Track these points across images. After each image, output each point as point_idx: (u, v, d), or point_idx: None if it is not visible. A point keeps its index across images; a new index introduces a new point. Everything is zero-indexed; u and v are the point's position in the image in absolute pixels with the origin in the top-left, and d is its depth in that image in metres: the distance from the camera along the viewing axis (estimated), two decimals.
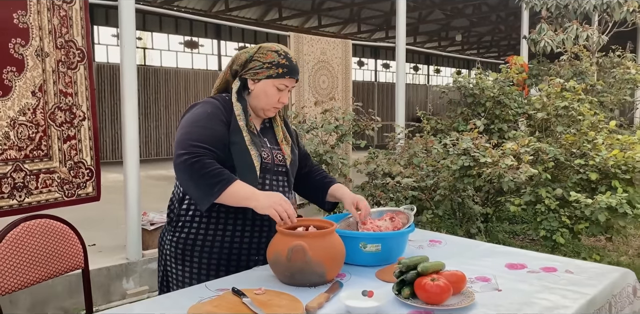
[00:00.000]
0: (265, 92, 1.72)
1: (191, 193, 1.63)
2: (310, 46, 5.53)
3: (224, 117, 1.68)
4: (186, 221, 1.71)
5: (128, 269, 3.65)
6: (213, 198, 1.54)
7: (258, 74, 1.71)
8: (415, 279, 1.37)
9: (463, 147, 3.81)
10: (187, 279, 1.70)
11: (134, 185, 3.66)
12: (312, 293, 1.41)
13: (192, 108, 1.73)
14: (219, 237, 1.69)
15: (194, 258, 1.70)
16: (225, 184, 1.53)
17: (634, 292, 1.62)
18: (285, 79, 1.72)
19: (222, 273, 1.67)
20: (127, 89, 3.63)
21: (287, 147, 1.82)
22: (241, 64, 1.75)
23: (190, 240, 1.70)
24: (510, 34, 17.27)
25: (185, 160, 1.55)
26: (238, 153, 1.65)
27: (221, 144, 1.64)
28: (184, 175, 1.57)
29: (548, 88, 4.67)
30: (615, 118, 6.68)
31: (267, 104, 1.74)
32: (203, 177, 1.54)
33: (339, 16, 15.57)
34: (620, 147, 3.97)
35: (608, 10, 7.09)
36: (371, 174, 4.47)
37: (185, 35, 14.18)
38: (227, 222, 1.69)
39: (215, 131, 1.64)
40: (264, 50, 1.73)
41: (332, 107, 4.61)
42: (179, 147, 1.59)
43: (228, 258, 1.69)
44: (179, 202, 1.75)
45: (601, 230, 3.75)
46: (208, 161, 1.56)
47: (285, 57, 1.73)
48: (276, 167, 1.76)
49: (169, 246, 1.75)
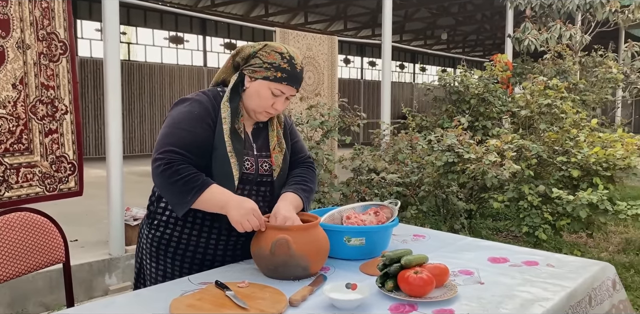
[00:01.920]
0: (258, 93, 1.61)
1: (166, 199, 1.59)
2: (297, 42, 5.52)
3: (211, 118, 1.59)
4: (162, 220, 1.67)
5: (111, 264, 3.62)
6: (187, 205, 1.51)
7: (256, 73, 1.61)
8: (399, 272, 1.37)
9: (447, 144, 3.83)
10: (160, 277, 1.67)
11: (116, 180, 3.63)
12: (296, 286, 1.41)
13: (181, 104, 1.64)
14: (192, 241, 1.64)
15: (167, 259, 1.66)
16: (198, 191, 1.49)
17: (613, 285, 1.64)
18: (281, 84, 1.60)
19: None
20: (110, 84, 3.58)
21: (279, 155, 1.70)
22: (244, 58, 1.66)
23: (164, 240, 1.66)
24: (495, 33, 17.41)
25: (158, 166, 1.51)
26: (218, 160, 1.57)
27: (201, 149, 1.56)
28: (158, 181, 1.54)
29: (531, 86, 4.71)
30: (597, 116, 6.78)
31: (258, 106, 1.63)
32: (175, 185, 1.50)
33: (326, 13, 15.55)
34: (602, 145, 4.03)
35: (591, 10, 7.18)
36: (356, 170, 4.48)
37: (170, 31, 14.06)
38: (202, 228, 1.64)
39: (196, 134, 1.56)
40: (268, 49, 1.62)
41: (318, 103, 4.61)
42: (156, 151, 1.55)
43: (200, 263, 1.65)
44: (157, 200, 1.71)
45: (582, 226, 3.81)
46: (181, 166, 1.50)
47: (288, 61, 1.61)
48: (260, 177, 1.67)
49: (145, 241, 1.72)
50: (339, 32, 16.64)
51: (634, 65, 7.75)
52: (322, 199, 4.15)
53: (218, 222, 1.63)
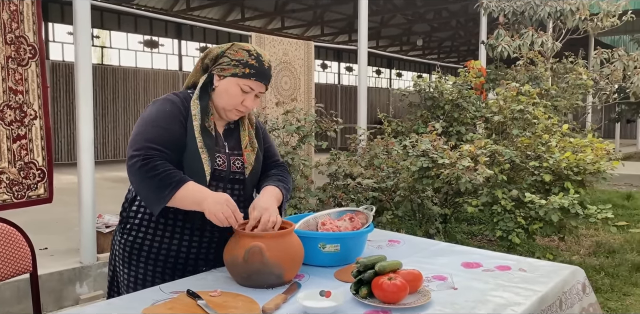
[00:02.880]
0: (227, 90, 1.63)
1: (142, 196, 1.56)
2: (272, 47, 5.51)
3: (182, 116, 1.61)
4: (134, 224, 1.65)
5: (82, 273, 3.54)
6: (164, 202, 1.49)
7: (224, 71, 1.63)
8: (373, 278, 1.37)
9: (422, 149, 3.86)
10: (132, 284, 1.65)
11: (88, 186, 3.55)
12: (270, 294, 1.39)
13: (152, 105, 1.65)
14: (165, 244, 1.63)
15: (140, 263, 1.64)
16: (175, 187, 1.48)
17: (583, 289, 1.67)
18: (250, 80, 1.63)
19: (167, 281, 1.60)
20: (82, 88, 3.52)
21: (251, 154, 1.72)
22: (212, 59, 1.68)
23: (137, 244, 1.64)
24: (470, 39, 17.69)
25: (136, 162, 1.50)
26: (189, 156, 1.58)
27: (177, 145, 1.57)
28: (134, 177, 1.52)
29: (504, 92, 4.79)
30: (569, 122, 6.92)
31: (228, 104, 1.64)
32: (152, 180, 1.48)
33: (303, 18, 15.59)
34: (573, 149, 4.11)
35: (561, 18, 7.35)
36: (332, 175, 4.48)
37: (145, 35, 13.91)
38: (174, 230, 1.63)
39: (171, 131, 1.57)
40: (236, 47, 1.66)
41: (294, 108, 4.60)
42: (131, 148, 1.54)
43: (173, 267, 1.64)
44: (129, 204, 1.69)
45: (554, 230, 3.87)
46: (159, 162, 1.50)
47: (256, 58, 1.64)
48: (232, 174, 1.67)
49: (117, 247, 1.69)
50: (316, 38, 16.70)
51: (602, 71, 7.95)
52: (298, 205, 4.13)
53: (190, 224, 1.62)
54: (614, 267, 4.18)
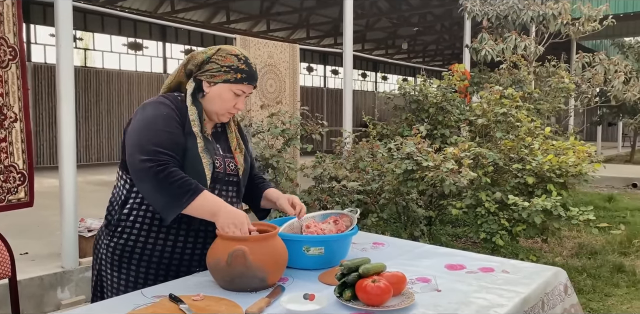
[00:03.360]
0: (220, 96, 1.65)
1: (154, 202, 1.54)
2: (257, 49, 5.50)
3: (179, 118, 1.62)
4: (126, 226, 1.64)
5: (63, 278, 3.48)
6: (180, 209, 1.49)
7: (215, 77, 1.64)
8: (357, 281, 1.37)
9: (406, 152, 3.87)
10: (122, 287, 1.63)
11: (70, 190, 3.50)
12: (253, 298, 1.38)
13: (145, 108, 1.63)
14: (159, 246, 1.62)
15: (131, 266, 1.63)
16: (193, 196, 1.49)
17: (565, 290, 1.68)
18: (243, 84, 1.66)
19: (160, 283, 1.60)
20: (63, 90, 3.47)
21: (240, 155, 1.76)
22: (197, 65, 1.68)
23: (128, 247, 1.63)
24: (454, 43, 17.84)
25: (150, 167, 1.48)
26: (189, 160, 1.59)
27: (179, 148, 1.58)
28: (148, 184, 1.50)
29: (488, 95, 4.83)
30: (551, 125, 7.00)
31: (221, 109, 1.67)
32: (170, 187, 1.48)
33: (288, 21, 15.60)
34: (555, 152, 4.15)
35: (544, 22, 7.45)
36: (318, 178, 4.47)
37: (129, 37, 13.80)
38: (169, 231, 1.63)
39: (174, 134, 1.58)
40: (223, 52, 1.66)
41: (279, 111, 4.59)
42: (141, 152, 1.51)
43: (167, 268, 1.63)
44: (120, 206, 1.66)
45: (537, 232, 3.90)
46: (173, 169, 1.51)
47: (245, 62, 1.66)
48: (227, 176, 1.70)
49: (104, 251, 1.67)
50: (302, 40, 16.71)
51: (584, 75, 8.06)
52: None
53: (185, 226, 1.63)
54: (596, 268, 4.23)
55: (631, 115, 13.16)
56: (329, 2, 12.65)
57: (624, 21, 11.71)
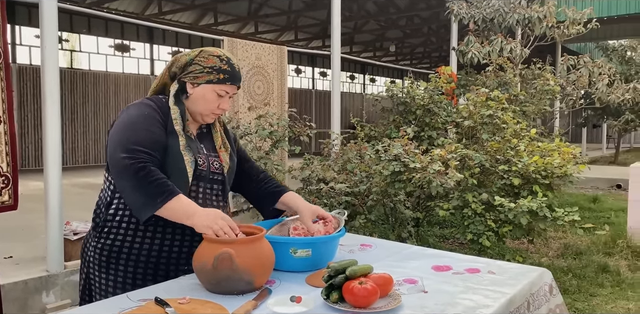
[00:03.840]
0: (204, 97, 1.68)
1: (131, 201, 1.55)
2: (245, 51, 5.49)
3: (161, 119, 1.63)
4: (112, 226, 1.64)
5: (48, 282, 3.44)
6: (154, 209, 1.49)
7: (198, 78, 1.67)
8: (344, 283, 1.37)
9: (394, 153, 3.89)
10: (111, 289, 1.63)
11: (55, 192, 3.47)
12: (240, 301, 1.38)
13: (128, 109, 1.66)
14: (146, 245, 1.62)
15: (119, 266, 1.62)
16: (168, 197, 1.49)
17: (550, 290, 1.70)
18: (226, 85, 1.68)
19: (149, 282, 1.60)
20: (49, 92, 3.44)
21: (225, 154, 1.78)
22: (181, 67, 1.70)
23: (115, 247, 1.63)
24: (441, 45, 17.95)
25: (131, 165, 1.49)
26: (171, 157, 1.60)
27: (160, 147, 1.59)
28: (127, 181, 1.51)
29: (474, 98, 4.87)
30: (537, 127, 7.07)
31: (205, 109, 1.69)
32: (147, 187, 1.48)
33: (276, 23, 15.59)
34: (541, 154, 4.20)
35: (529, 25, 7.53)
36: (306, 180, 4.47)
37: (116, 38, 13.70)
38: (156, 230, 1.63)
39: (155, 133, 1.59)
40: (205, 54, 1.68)
41: (267, 113, 4.58)
42: (122, 150, 1.52)
43: (155, 267, 1.63)
44: (106, 207, 1.67)
45: (524, 233, 3.94)
46: (153, 168, 1.51)
47: (227, 63, 1.68)
48: (212, 175, 1.71)
49: (92, 253, 1.66)
50: (290, 43, 16.71)
51: (569, 77, 8.16)
52: None
53: (171, 226, 1.62)
54: (581, 268, 4.28)
55: (615, 117, 13.34)
56: (317, 4, 12.68)
57: (608, 24, 11.88)
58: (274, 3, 13.50)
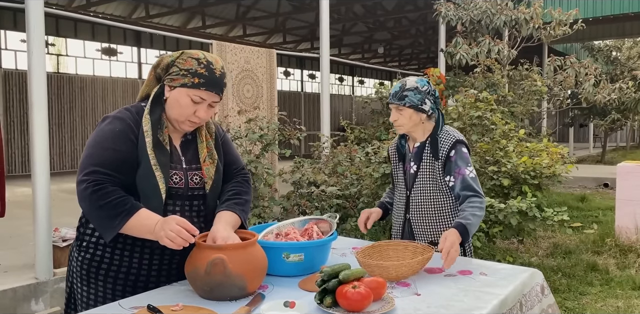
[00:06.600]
0: (177, 101, 1.56)
1: (94, 224, 1.53)
2: (234, 55, 5.48)
3: (134, 134, 1.54)
4: (91, 242, 1.60)
5: (37, 289, 3.40)
6: (114, 230, 1.46)
7: (174, 81, 1.56)
8: (337, 287, 1.37)
9: (384, 156, 3.90)
10: (92, 302, 1.59)
11: (43, 199, 3.43)
12: (233, 307, 1.37)
13: (102, 122, 1.59)
14: (125, 262, 1.58)
15: (99, 281, 1.59)
16: (126, 216, 1.45)
17: (541, 290, 1.71)
18: (200, 90, 1.55)
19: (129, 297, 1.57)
20: (36, 97, 3.40)
21: (210, 167, 1.65)
22: (164, 68, 1.61)
23: (95, 262, 1.59)
24: (430, 47, 18.04)
25: (85, 188, 1.45)
26: (142, 174, 1.52)
27: (129, 166, 1.52)
28: (85, 204, 1.48)
29: (463, 99, 4.90)
30: (525, 127, 7.13)
31: (179, 115, 1.57)
32: (103, 209, 1.45)
33: (264, 26, 15.57)
34: (529, 154, 4.24)
35: (516, 27, 7.60)
36: (296, 183, 4.47)
37: (103, 42, 13.61)
38: (133, 249, 1.58)
39: (121, 152, 1.52)
40: (185, 56, 1.58)
41: (257, 117, 4.58)
42: (80, 172, 1.49)
43: (134, 285, 1.59)
44: (86, 221, 1.63)
45: (514, 233, 3.97)
46: (110, 188, 1.46)
47: (205, 67, 1.56)
48: (190, 191, 1.62)
49: (75, 264, 1.64)
50: (278, 45, 16.71)
51: (556, 78, 8.24)
52: (262, 214, 4.10)
53: (150, 242, 1.56)
54: (571, 267, 4.31)
55: (601, 116, 13.49)
56: (305, 6, 12.69)
57: (594, 25, 12.03)
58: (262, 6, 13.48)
